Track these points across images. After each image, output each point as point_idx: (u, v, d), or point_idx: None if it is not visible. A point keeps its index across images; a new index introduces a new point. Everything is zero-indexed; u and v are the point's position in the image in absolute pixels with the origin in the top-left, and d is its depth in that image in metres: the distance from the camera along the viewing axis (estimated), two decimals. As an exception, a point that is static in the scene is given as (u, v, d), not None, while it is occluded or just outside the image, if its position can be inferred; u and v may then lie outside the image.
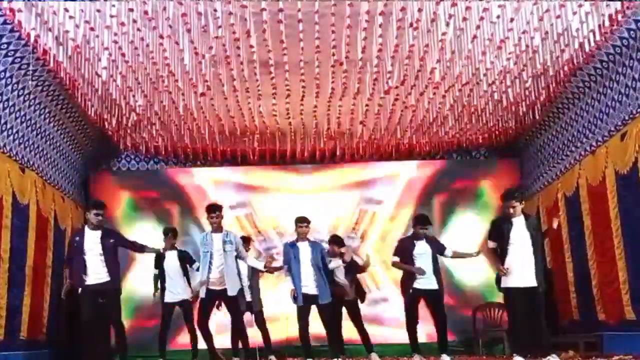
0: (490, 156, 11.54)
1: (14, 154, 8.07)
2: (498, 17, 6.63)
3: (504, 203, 6.49)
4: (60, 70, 7.36)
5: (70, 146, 9.96)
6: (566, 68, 7.87)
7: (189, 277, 8.30)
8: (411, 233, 7.64)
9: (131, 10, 6.30)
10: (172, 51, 7.10)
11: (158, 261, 8.27)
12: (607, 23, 6.68)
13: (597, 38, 6.84)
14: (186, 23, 6.55)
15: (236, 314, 7.26)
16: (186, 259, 8.34)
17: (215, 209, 7.13)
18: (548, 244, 10.00)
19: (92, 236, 6.57)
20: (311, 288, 7.12)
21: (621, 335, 7.95)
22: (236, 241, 7.16)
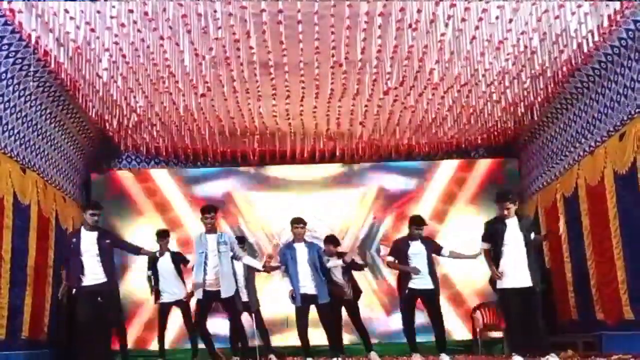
0: (489, 157, 11.54)
1: (15, 155, 8.10)
2: (497, 18, 6.64)
3: (498, 204, 6.51)
4: (61, 71, 7.38)
5: (71, 147, 9.99)
6: (565, 69, 7.88)
7: (184, 277, 8.31)
8: (406, 233, 7.67)
9: (131, 11, 6.32)
10: (173, 52, 7.12)
11: (151, 262, 8.25)
12: (606, 24, 6.69)
13: (596, 39, 6.85)
14: (186, 24, 6.57)
15: (234, 314, 7.28)
16: (180, 259, 8.34)
17: (209, 210, 7.11)
18: (547, 245, 10.03)
19: (89, 237, 6.57)
20: (310, 288, 7.14)
21: (620, 335, 7.96)
22: (231, 241, 7.12)
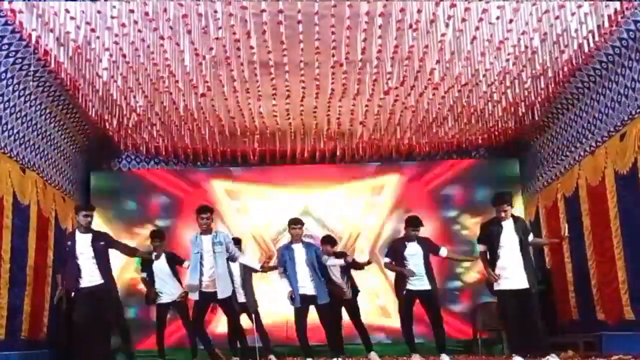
0: (489, 157, 11.54)
1: (15, 154, 8.10)
2: (497, 18, 6.63)
3: (496, 207, 6.47)
4: (61, 71, 7.38)
5: (71, 146, 9.98)
6: (565, 69, 7.88)
7: (179, 278, 8.27)
8: (403, 234, 7.64)
9: (132, 11, 6.31)
10: (173, 52, 7.12)
11: (145, 264, 8.16)
12: (606, 24, 6.70)
13: (596, 39, 6.84)
14: (187, 24, 6.57)
15: (232, 315, 7.27)
16: (175, 260, 8.28)
17: (205, 210, 7.06)
18: (548, 246, 10.02)
19: (83, 240, 6.52)
20: (309, 289, 7.13)
21: (620, 335, 7.96)
22: (226, 241, 7.05)
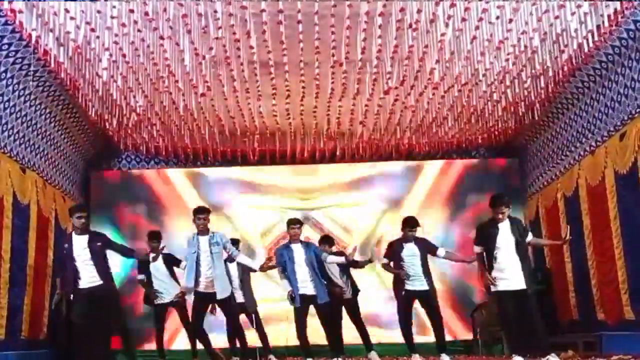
0: (489, 156, 11.54)
1: (15, 154, 8.10)
2: (497, 18, 6.64)
3: (494, 209, 6.43)
4: (61, 70, 7.37)
5: (70, 146, 9.98)
6: (565, 68, 7.88)
7: (177, 278, 8.25)
8: (400, 235, 7.61)
9: (132, 11, 6.31)
10: (173, 52, 7.12)
11: (143, 266, 8.12)
12: (606, 24, 6.70)
13: (596, 39, 6.86)
14: (186, 24, 6.57)
15: (231, 315, 7.26)
16: (172, 261, 8.25)
17: (202, 211, 7.02)
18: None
19: (80, 241, 6.47)
20: (309, 289, 7.10)
21: (620, 335, 7.97)
22: (224, 241, 7.00)
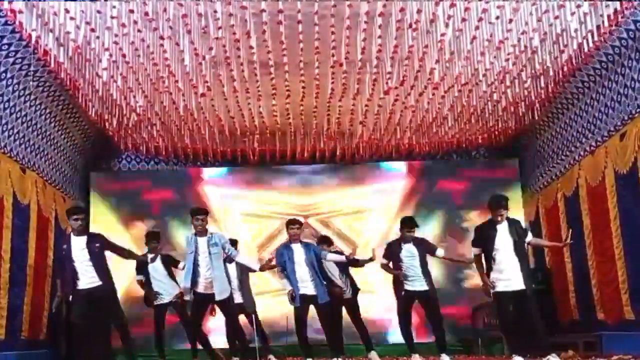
0: (490, 156, 11.54)
1: (15, 155, 8.10)
2: (497, 18, 6.63)
3: (493, 211, 6.43)
4: (61, 71, 7.37)
5: (70, 146, 9.98)
6: (565, 68, 7.87)
7: (176, 278, 8.22)
8: (399, 236, 7.60)
9: (132, 11, 6.31)
10: (173, 52, 7.12)
11: (141, 267, 8.07)
12: (606, 24, 6.69)
13: (596, 39, 6.85)
14: (186, 24, 6.57)
15: (230, 315, 7.26)
16: (170, 261, 8.24)
17: (200, 212, 7.03)
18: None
19: (78, 242, 6.49)
20: (309, 289, 7.11)
21: (620, 335, 7.96)
22: (222, 242, 7.00)
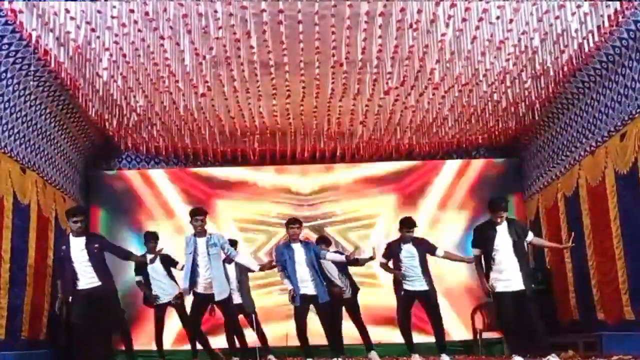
0: (490, 156, 11.53)
1: (15, 154, 8.10)
2: (497, 18, 6.64)
3: (493, 213, 6.43)
4: (61, 70, 7.38)
5: (71, 146, 9.98)
6: (565, 69, 7.88)
7: (175, 278, 8.22)
8: (398, 236, 7.60)
9: (132, 11, 6.32)
10: (173, 52, 7.12)
11: (140, 268, 8.08)
12: (606, 24, 6.69)
13: (596, 39, 6.85)
14: (187, 24, 6.57)
15: (230, 316, 7.26)
16: (169, 261, 8.22)
17: (199, 213, 7.04)
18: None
19: (77, 243, 6.49)
20: (310, 289, 7.11)
21: (620, 335, 7.95)
22: (221, 242, 7.01)
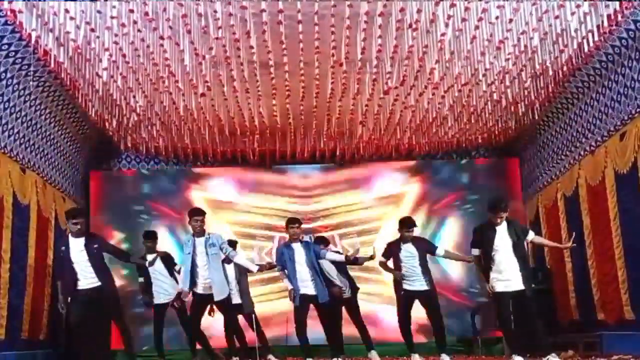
0: (489, 156, 11.54)
1: (15, 155, 8.10)
2: (497, 18, 6.63)
3: (493, 214, 6.44)
4: (61, 70, 7.38)
5: (70, 146, 9.98)
6: (565, 68, 7.88)
7: (176, 277, 8.23)
8: (398, 236, 7.59)
9: (132, 11, 6.31)
10: (173, 52, 7.11)
11: (142, 267, 8.01)
12: (606, 23, 6.69)
13: (596, 38, 6.85)
14: (186, 24, 6.57)
15: (229, 315, 7.26)
16: (170, 261, 8.23)
17: (198, 213, 7.05)
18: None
19: (77, 244, 6.51)
20: (310, 288, 7.12)
21: (620, 335, 7.96)
22: (220, 242, 7.02)
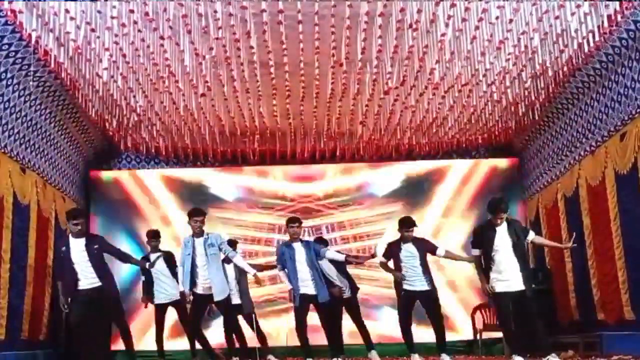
0: (490, 156, 11.53)
1: (15, 155, 8.10)
2: (497, 18, 6.64)
3: (493, 215, 6.43)
4: (61, 71, 7.39)
5: (70, 146, 9.98)
6: (565, 68, 7.89)
7: (177, 277, 8.25)
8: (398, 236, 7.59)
9: (132, 11, 6.32)
10: (173, 52, 7.12)
11: (144, 268, 7.99)
12: (606, 24, 6.70)
13: (596, 39, 6.85)
14: (187, 24, 6.57)
15: (229, 316, 7.27)
16: (172, 260, 8.18)
17: (197, 214, 7.03)
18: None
19: (77, 245, 6.50)
20: (310, 288, 7.11)
21: (620, 335, 7.95)
22: (219, 242, 7.01)
